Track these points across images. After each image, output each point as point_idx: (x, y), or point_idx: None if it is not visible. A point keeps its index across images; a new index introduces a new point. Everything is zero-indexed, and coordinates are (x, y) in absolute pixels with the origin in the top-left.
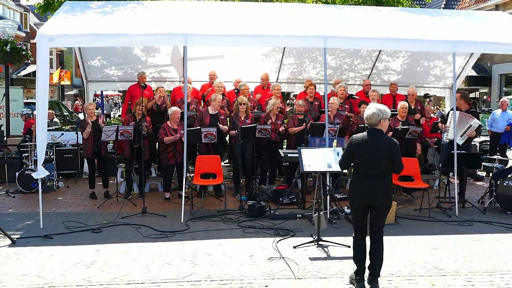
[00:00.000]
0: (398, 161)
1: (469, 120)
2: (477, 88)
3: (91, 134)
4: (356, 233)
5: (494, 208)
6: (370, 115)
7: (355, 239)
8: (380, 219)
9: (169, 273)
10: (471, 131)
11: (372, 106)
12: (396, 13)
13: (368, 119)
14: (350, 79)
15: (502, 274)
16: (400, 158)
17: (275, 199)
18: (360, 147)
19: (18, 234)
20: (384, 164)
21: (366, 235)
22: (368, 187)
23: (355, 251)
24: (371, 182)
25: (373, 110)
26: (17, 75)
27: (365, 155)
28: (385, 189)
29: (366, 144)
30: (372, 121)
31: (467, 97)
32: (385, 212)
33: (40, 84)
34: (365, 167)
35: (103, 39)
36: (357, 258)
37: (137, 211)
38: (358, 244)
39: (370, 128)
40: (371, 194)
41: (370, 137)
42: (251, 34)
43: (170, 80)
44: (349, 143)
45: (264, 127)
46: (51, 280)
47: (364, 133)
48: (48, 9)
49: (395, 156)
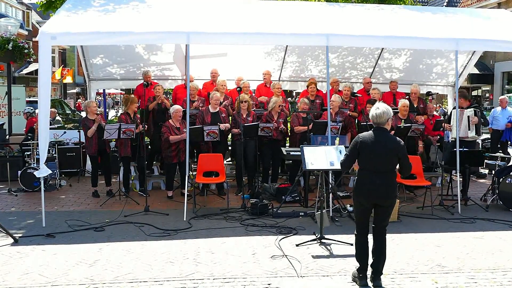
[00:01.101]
0: (405, 159)
1: (465, 112)
2: (480, 86)
3: (95, 132)
4: (359, 230)
5: (496, 205)
6: (380, 113)
7: (357, 237)
8: (385, 217)
9: (171, 271)
10: (472, 118)
11: (380, 105)
12: (399, 11)
13: (378, 117)
14: (352, 77)
15: (504, 271)
16: (407, 156)
17: (278, 197)
18: (368, 145)
19: (21, 233)
20: (391, 162)
21: (368, 232)
22: (375, 184)
23: (357, 248)
24: (378, 180)
25: (382, 109)
26: (19, 74)
27: (372, 153)
28: (391, 187)
29: (374, 143)
30: (381, 120)
31: (466, 95)
32: (390, 210)
33: (42, 82)
34: (372, 165)
35: (105, 37)
36: (359, 256)
37: (140, 209)
38: (361, 242)
39: (376, 127)
40: (378, 191)
41: (378, 135)
42: (253, 32)
43: (172, 78)
44: (354, 142)
45: (267, 125)
46: (53, 279)
47: (369, 132)
48: (50, 7)
49: (401, 154)
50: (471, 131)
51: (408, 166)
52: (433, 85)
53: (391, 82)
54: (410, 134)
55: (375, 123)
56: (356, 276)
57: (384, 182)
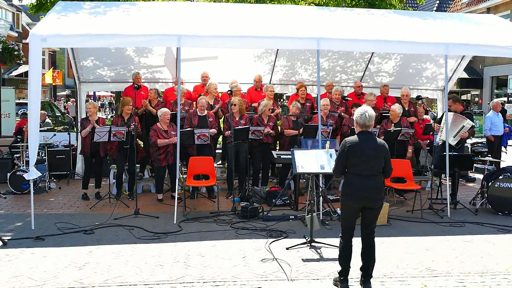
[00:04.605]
0: (388, 163)
1: (462, 121)
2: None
3: (89, 133)
4: (345, 233)
5: (485, 209)
6: (370, 116)
7: (343, 239)
8: (373, 220)
9: (162, 274)
10: (464, 131)
11: (367, 108)
12: (389, 15)
13: (366, 120)
14: (342, 81)
15: (493, 275)
16: (390, 160)
17: (268, 200)
18: (356, 149)
19: (9, 236)
20: (378, 165)
21: (353, 235)
22: (364, 188)
23: (341, 251)
24: (367, 183)
25: (370, 112)
26: (8, 75)
27: (362, 156)
28: (380, 189)
29: (363, 146)
30: (369, 123)
31: (459, 99)
32: (378, 212)
33: (32, 84)
34: (360, 168)
35: (96, 39)
36: (343, 259)
37: (130, 212)
38: (346, 245)
39: (362, 131)
40: (366, 194)
41: (364, 138)
42: (244, 36)
43: (163, 81)
44: (342, 147)
45: (258, 128)
46: (43, 281)
47: (355, 136)
48: (40, 9)
49: (387, 157)
50: (454, 140)
51: (390, 169)
52: (422, 89)
53: (383, 86)
54: (400, 138)
55: (362, 126)
56: (337, 280)
57: (373, 185)
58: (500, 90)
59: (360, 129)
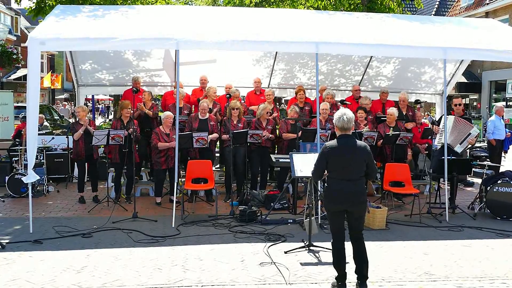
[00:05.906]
0: (372, 165)
1: (469, 128)
2: (467, 94)
3: (82, 137)
4: (334, 237)
5: (484, 213)
6: (350, 119)
7: (333, 244)
8: (359, 223)
9: (160, 278)
10: (471, 138)
11: (345, 111)
12: (388, 19)
13: (345, 123)
14: (341, 84)
15: (492, 279)
16: (373, 161)
17: (266, 204)
18: (337, 153)
19: (8, 239)
20: (358, 168)
21: (344, 239)
22: (342, 192)
23: (334, 256)
24: (348, 187)
25: (350, 115)
26: (7, 79)
27: (340, 161)
28: (359, 194)
29: (344, 150)
30: (349, 126)
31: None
32: (362, 214)
33: (31, 88)
34: (340, 172)
35: (94, 43)
36: (337, 264)
37: (128, 215)
38: (337, 249)
39: (342, 134)
40: (347, 198)
41: (344, 142)
42: (243, 39)
43: (161, 85)
44: (321, 151)
45: (256, 132)
46: (40, 285)
47: (335, 140)
48: (39, 13)
49: (369, 159)
50: (460, 147)
51: (375, 169)
52: (421, 93)
53: (383, 93)
54: (398, 142)
55: (341, 129)
56: (336, 285)
57: (353, 189)
58: (499, 94)
59: (340, 132)
